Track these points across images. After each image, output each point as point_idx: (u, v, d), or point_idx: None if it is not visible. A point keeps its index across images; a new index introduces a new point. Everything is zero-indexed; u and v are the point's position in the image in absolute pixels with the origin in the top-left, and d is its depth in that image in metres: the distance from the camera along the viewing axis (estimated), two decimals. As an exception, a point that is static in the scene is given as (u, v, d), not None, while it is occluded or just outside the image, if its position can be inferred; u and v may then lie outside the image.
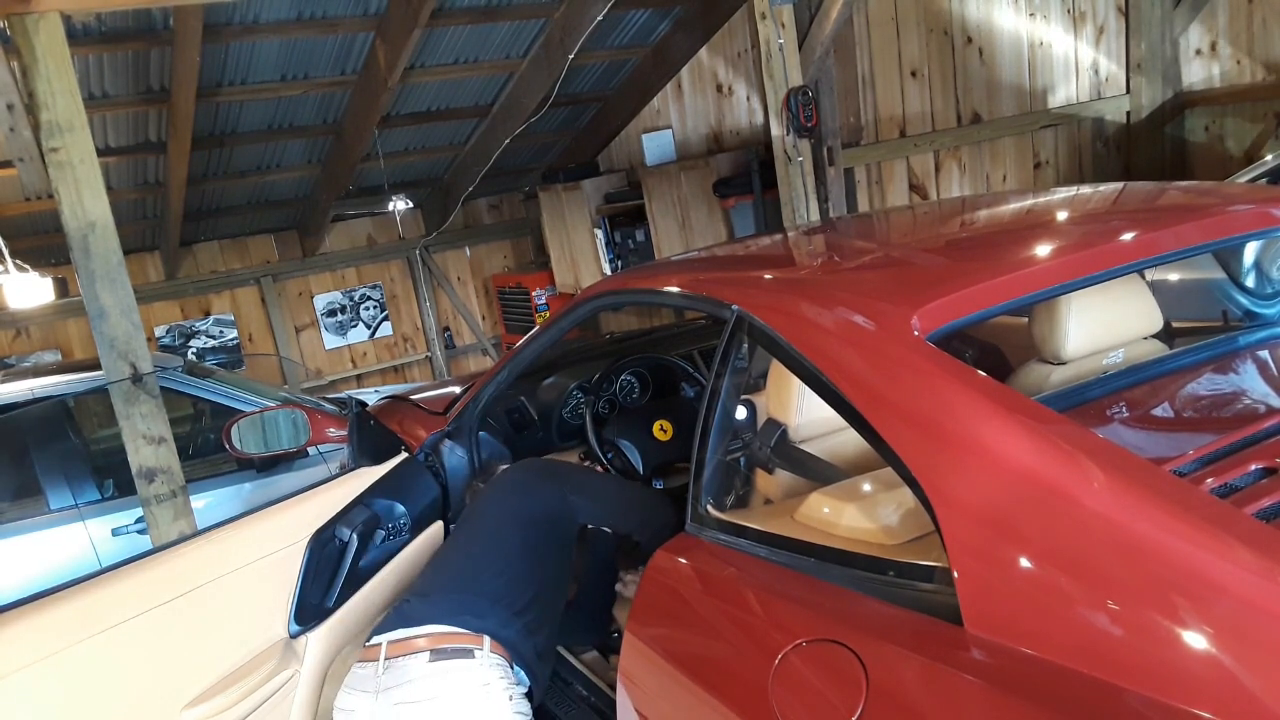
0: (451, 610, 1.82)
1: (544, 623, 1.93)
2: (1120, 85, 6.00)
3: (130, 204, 6.31)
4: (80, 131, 2.94)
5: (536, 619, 1.90)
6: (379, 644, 1.82)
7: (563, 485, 2.08)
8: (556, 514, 2.03)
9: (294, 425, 2.54)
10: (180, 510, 3.16)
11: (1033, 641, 1.13)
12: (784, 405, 1.77)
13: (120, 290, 3.01)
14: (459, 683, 1.74)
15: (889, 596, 1.33)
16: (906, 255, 1.95)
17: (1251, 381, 1.78)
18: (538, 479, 2.10)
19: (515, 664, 1.84)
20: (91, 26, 4.31)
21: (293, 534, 2.23)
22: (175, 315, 7.32)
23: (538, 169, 7.64)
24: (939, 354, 1.37)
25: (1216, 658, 1.00)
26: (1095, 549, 1.11)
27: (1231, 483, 1.27)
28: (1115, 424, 1.58)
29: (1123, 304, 1.78)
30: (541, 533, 2.00)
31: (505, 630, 1.82)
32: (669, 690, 1.63)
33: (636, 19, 5.82)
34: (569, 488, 2.08)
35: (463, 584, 1.88)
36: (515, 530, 1.98)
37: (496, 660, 1.80)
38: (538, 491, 2.06)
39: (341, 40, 5.17)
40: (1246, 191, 2.05)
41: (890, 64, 5.33)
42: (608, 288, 2.28)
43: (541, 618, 1.92)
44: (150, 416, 3.08)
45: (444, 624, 1.80)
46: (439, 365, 8.28)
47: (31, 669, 1.84)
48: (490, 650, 1.79)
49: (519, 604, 1.87)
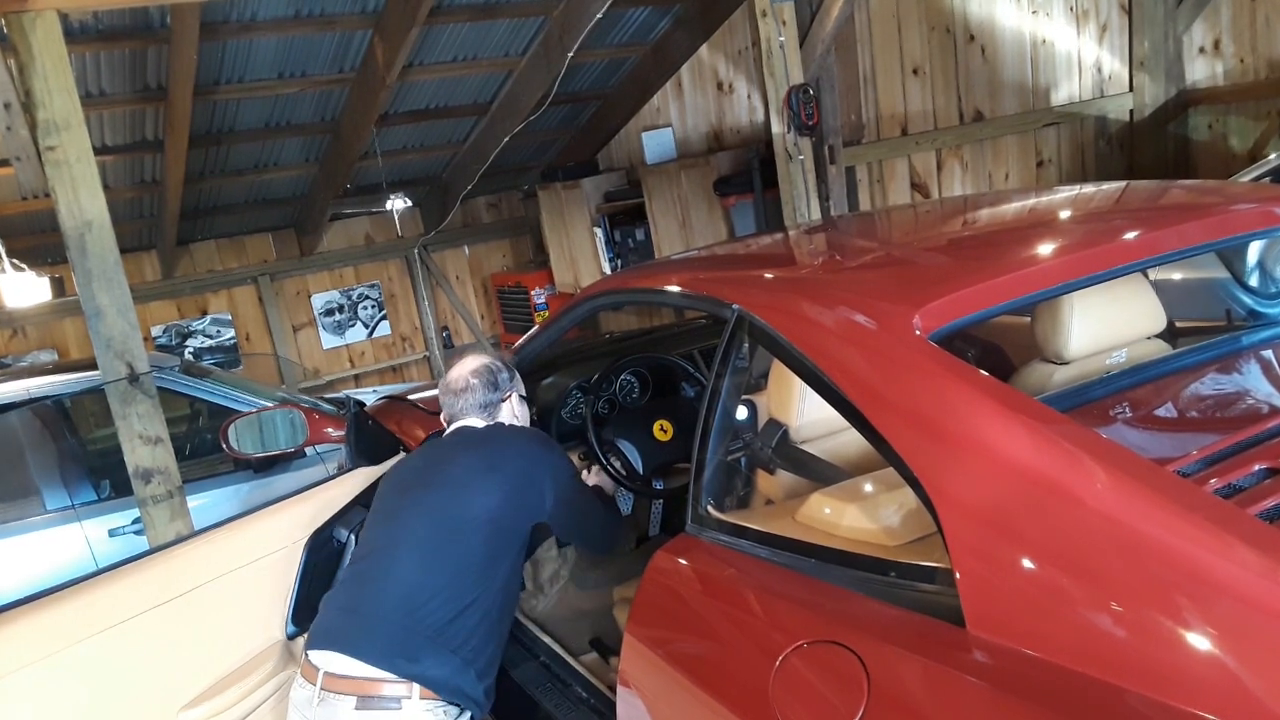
0: (384, 652, 1.82)
1: (488, 641, 1.92)
2: (1123, 83, 6.00)
3: (127, 203, 6.30)
4: (77, 130, 2.93)
5: (479, 643, 1.89)
6: (318, 669, 1.84)
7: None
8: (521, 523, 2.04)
9: (291, 425, 2.53)
10: (177, 511, 3.15)
11: (1035, 643, 1.13)
12: (785, 405, 1.77)
13: (117, 289, 3.00)
14: None
15: (890, 597, 1.33)
16: (908, 254, 1.94)
17: (1255, 381, 1.78)
18: None
19: (449, 701, 1.85)
20: (88, 24, 4.30)
21: (290, 535, 2.22)
22: (172, 315, 7.31)
23: (537, 167, 7.63)
24: (941, 353, 1.36)
25: (1220, 659, 1.00)
26: (1098, 550, 1.11)
27: (1235, 483, 1.26)
28: (1118, 424, 1.57)
29: (1125, 303, 1.77)
30: (502, 538, 1.99)
31: (439, 670, 1.82)
32: (669, 692, 1.62)
33: (636, 16, 5.81)
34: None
35: (405, 613, 1.85)
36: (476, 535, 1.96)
37: (426, 707, 1.81)
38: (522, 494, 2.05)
39: (339, 38, 5.16)
40: (1250, 190, 2.05)
41: (892, 61, 5.32)
42: (607, 287, 2.27)
43: (485, 637, 1.91)
44: (147, 416, 3.07)
45: (376, 667, 1.80)
46: (437, 365, 8.27)
47: (29, 670, 1.84)
48: (420, 698, 1.80)
49: (458, 637, 1.86)
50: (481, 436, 2.15)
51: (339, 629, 1.89)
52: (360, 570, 1.98)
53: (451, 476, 2.04)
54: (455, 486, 2.02)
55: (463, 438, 2.17)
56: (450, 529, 1.96)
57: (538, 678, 2.40)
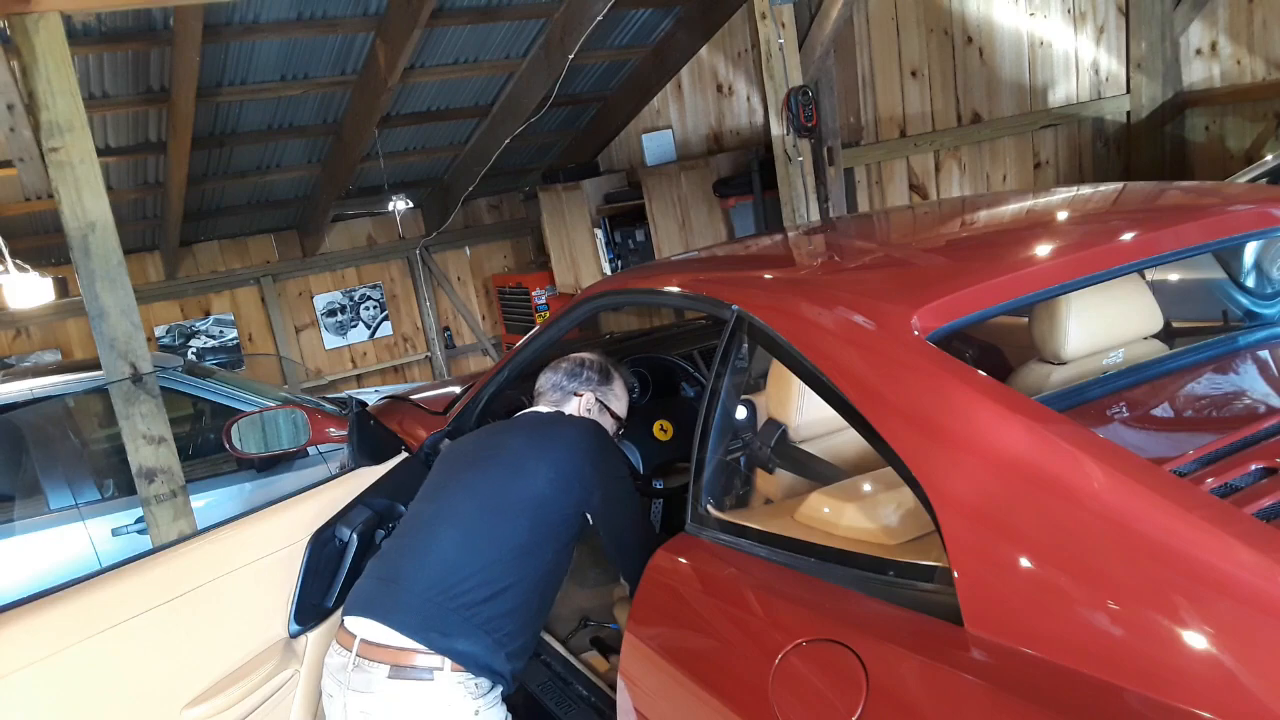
0: (419, 625, 1.82)
1: (523, 628, 1.90)
2: (1120, 85, 6.00)
3: (130, 204, 6.31)
4: (80, 131, 2.94)
5: (513, 628, 1.87)
6: (354, 636, 1.86)
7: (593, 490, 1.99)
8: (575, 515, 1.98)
9: (294, 425, 2.54)
10: (180, 510, 3.15)
11: (1033, 641, 1.13)
12: (784, 405, 1.77)
13: (120, 290, 3.01)
14: (418, 703, 1.79)
15: (889, 596, 1.33)
16: (906, 255, 1.95)
17: (1251, 381, 1.78)
18: None
19: (479, 675, 1.84)
20: (91, 26, 4.31)
21: (293, 534, 2.23)
22: (175, 315, 7.32)
23: (538, 169, 7.64)
24: (939, 354, 1.37)
25: (1217, 658, 1.00)
26: (1095, 549, 1.11)
27: (1232, 482, 1.27)
28: (1115, 424, 1.58)
29: (1123, 304, 1.78)
30: (546, 526, 1.95)
31: (471, 648, 1.81)
32: (669, 690, 1.63)
33: (636, 19, 5.82)
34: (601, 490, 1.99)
35: (441, 590, 1.85)
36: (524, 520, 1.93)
37: (458, 679, 1.81)
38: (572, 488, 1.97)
39: (341, 40, 5.17)
40: (1247, 191, 2.05)
41: (890, 64, 5.33)
42: (608, 288, 2.28)
43: (520, 624, 1.89)
44: (150, 416, 3.08)
45: (409, 638, 1.81)
46: (439, 365, 8.28)
47: (32, 669, 1.84)
48: (451, 670, 1.80)
49: (492, 619, 1.85)
50: (540, 420, 2.13)
51: (377, 597, 1.89)
52: (402, 543, 1.97)
53: (502, 457, 2.02)
54: (504, 467, 1.99)
55: (523, 421, 2.16)
56: (493, 509, 1.93)
57: (539, 675, 2.41)
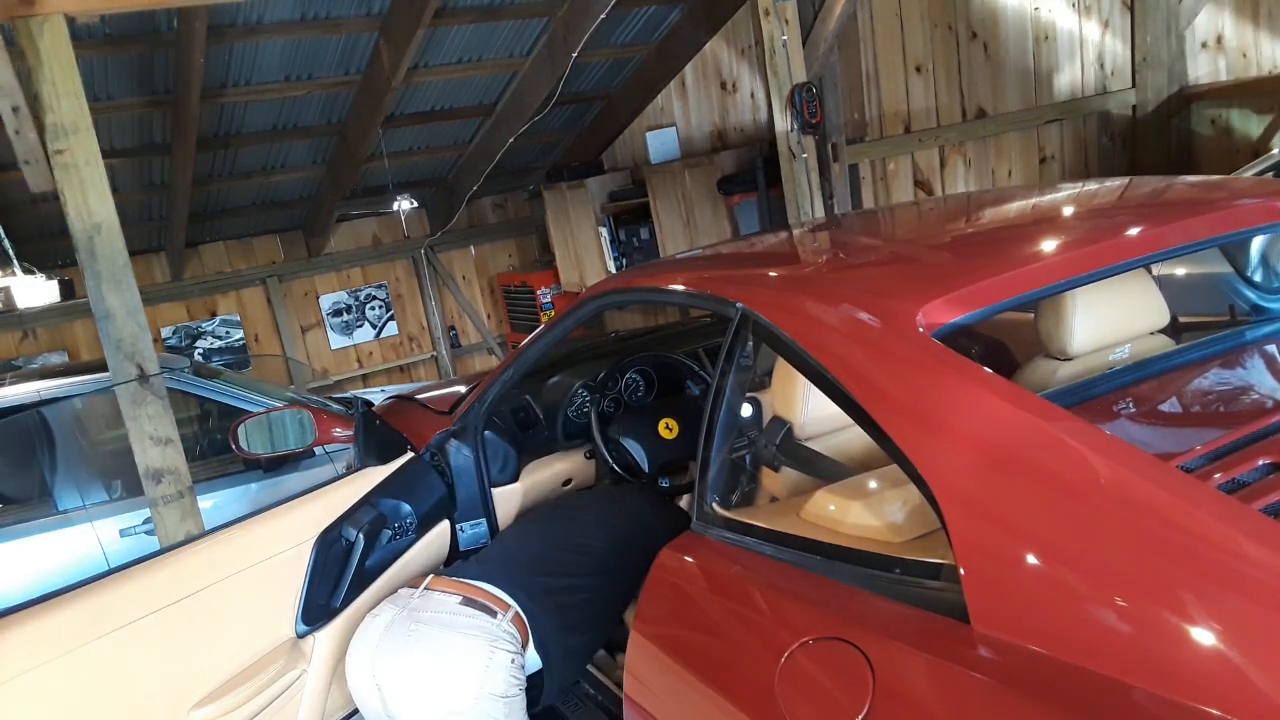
0: (493, 574, 2.06)
1: (584, 624, 2.07)
2: (1126, 79, 5.98)
3: (136, 205, 6.33)
4: (85, 133, 2.94)
5: (576, 616, 2.04)
6: (428, 579, 2.07)
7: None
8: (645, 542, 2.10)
9: (300, 425, 2.54)
10: (187, 511, 3.16)
11: (1040, 639, 1.13)
12: (789, 403, 1.77)
13: (126, 292, 3.01)
14: (473, 628, 1.93)
15: (895, 594, 1.33)
16: (911, 251, 1.94)
17: (1259, 376, 1.78)
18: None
19: (534, 644, 1.97)
20: (96, 28, 4.31)
21: (299, 534, 2.23)
22: (181, 316, 7.34)
23: (542, 167, 7.64)
24: (944, 350, 1.36)
25: (1225, 654, 1.00)
26: (1102, 545, 1.11)
27: (1239, 478, 1.26)
28: (1122, 420, 1.57)
29: (1129, 299, 1.77)
30: (625, 553, 2.14)
31: (534, 602, 1.99)
32: (675, 688, 1.63)
33: (640, 16, 5.81)
34: None
35: (514, 554, 2.16)
36: (604, 535, 2.20)
37: (514, 632, 1.94)
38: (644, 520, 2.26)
39: (345, 40, 5.17)
40: (1253, 185, 2.04)
41: (895, 59, 5.32)
42: (612, 286, 2.28)
43: (583, 618, 2.06)
44: (157, 417, 3.09)
45: (484, 582, 2.02)
46: (444, 364, 8.29)
47: (40, 670, 1.85)
48: (511, 620, 1.94)
49: (558, 586, 2.04)
50: None
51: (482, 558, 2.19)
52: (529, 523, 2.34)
53: None
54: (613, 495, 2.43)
55: None
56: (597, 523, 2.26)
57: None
